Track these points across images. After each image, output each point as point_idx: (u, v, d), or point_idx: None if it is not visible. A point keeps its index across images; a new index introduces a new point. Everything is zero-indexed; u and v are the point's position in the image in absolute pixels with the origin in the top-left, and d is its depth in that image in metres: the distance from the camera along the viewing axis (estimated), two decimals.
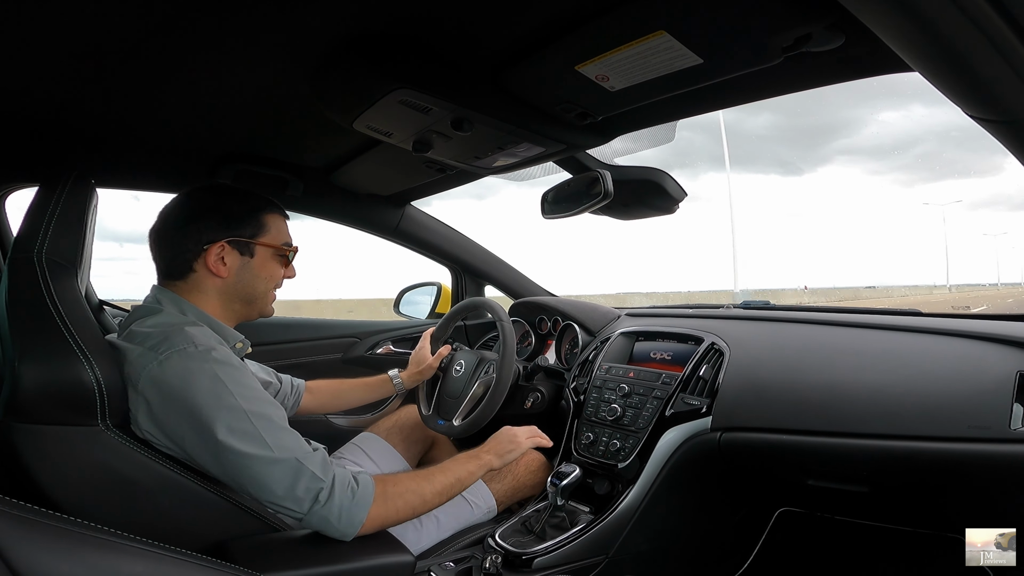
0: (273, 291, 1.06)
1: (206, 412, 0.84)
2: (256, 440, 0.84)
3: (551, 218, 1.42)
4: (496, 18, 0.81)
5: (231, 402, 0.85)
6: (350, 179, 1.57)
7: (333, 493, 0.86)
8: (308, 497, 0.85)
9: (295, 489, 0.84)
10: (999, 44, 0.52)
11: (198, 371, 0.86)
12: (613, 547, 1.19)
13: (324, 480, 0.86)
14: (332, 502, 0.86)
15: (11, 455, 0.80)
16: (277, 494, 0.84)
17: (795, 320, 1.37)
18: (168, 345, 0.87)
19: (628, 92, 0.91)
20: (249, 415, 0.85)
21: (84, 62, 0.89)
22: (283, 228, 1.06)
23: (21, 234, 0.88)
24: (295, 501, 0.85)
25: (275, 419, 0.88)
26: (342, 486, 0.87)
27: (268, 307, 1.07)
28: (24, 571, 0.35)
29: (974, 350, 1.05)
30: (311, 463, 0.86)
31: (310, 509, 0.85)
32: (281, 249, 1.04)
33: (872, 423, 1.04)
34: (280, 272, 1.06)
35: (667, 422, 1.26)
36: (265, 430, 0.86)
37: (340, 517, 0.86)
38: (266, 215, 1.02)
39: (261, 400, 0.89)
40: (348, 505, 0.87)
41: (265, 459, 0.84)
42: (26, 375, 0.79)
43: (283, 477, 0.84)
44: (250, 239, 0.99)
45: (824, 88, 0.93)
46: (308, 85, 0.98)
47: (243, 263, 0.99)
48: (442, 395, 1.51)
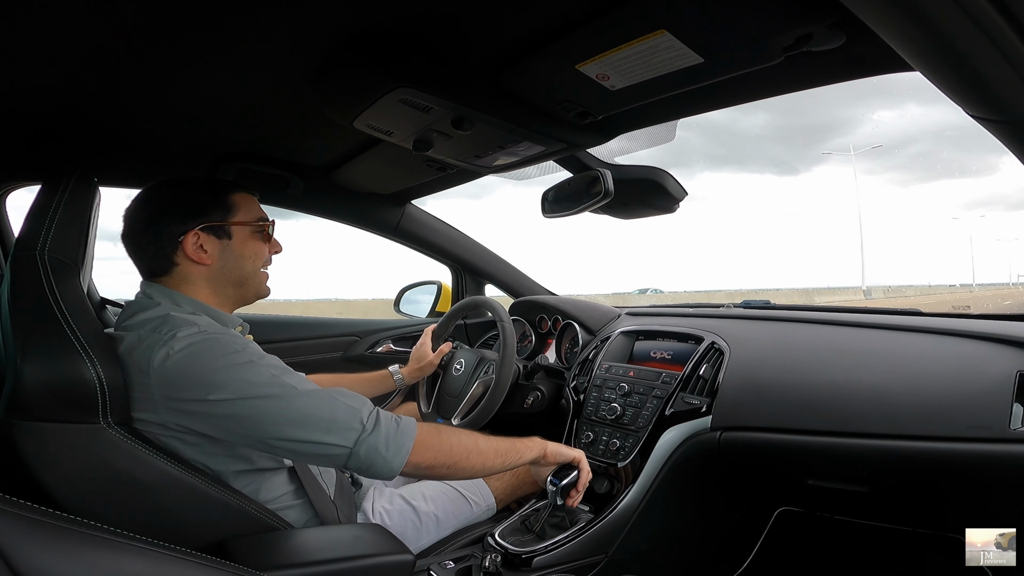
0: (263, 270, 1.05)
1: (223, 374, 0.84)
2: (281, 384, 0.84)
3: (551, 217, 1.42)
4: (497, 17, 0.81)
5: (244, 359, 0.86)
6: (350, 178, 1.57)
7: (379, 420, 0.86)
8: (353, 424, 0.84)
9: (336, 418, 0.84)
10: (1000, 43, 0.52)
11: (207, 342, 0.86)
12: (613, 546, 1.19)
13: (363, 408, 0.86)
14: (379, 429, 0.85)
15: (12, 453, 0.80)
16: (320, 426, 0.83)
17: (795, 319, 1.37)
18: (170, 327, 0.87)
19: (628, 91, 0.91)
20: (266, 367, 0.86)
21: (87, 62, 0.89)
22: (253, 205, 1.04)
23: (23, 232, 0.88)
24: (340, 431, 0.84)
25: (291, 372, 0.89)
26: (385, 415, 0.87)
27: (262, 287, 1.06)
28: (25, 570, 0.35)
29: (974, 350, 1.05)
30: (342, 395, 0.86)
31: (358, 438, 0.84)
32: (257, 224, 1.02)
33: (872, 423, 1.04)
34: (264, 248, 1.04)
35: (667, 421, 1.26)
36: (286, 374, 0.87)
37: (388, 445, 0.85)
38: (232, 195, 1.01)
39: (274, 360, 0.90)
40: (394, 432, 0.86)
41: (298, 394, 0.84)
42: (28, 373, 0.79)
43: (321, 407, 0.84)
44: (222, 221, 0.98)
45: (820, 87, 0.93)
46: (309, 84, 0.98)
47: (223, 246, 0.99)
48: (442, 394, 1.51)
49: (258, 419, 0.84)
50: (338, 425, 0.84)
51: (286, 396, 0.84)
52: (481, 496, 1.28)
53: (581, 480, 1.13)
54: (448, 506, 1.19)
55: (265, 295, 1.08)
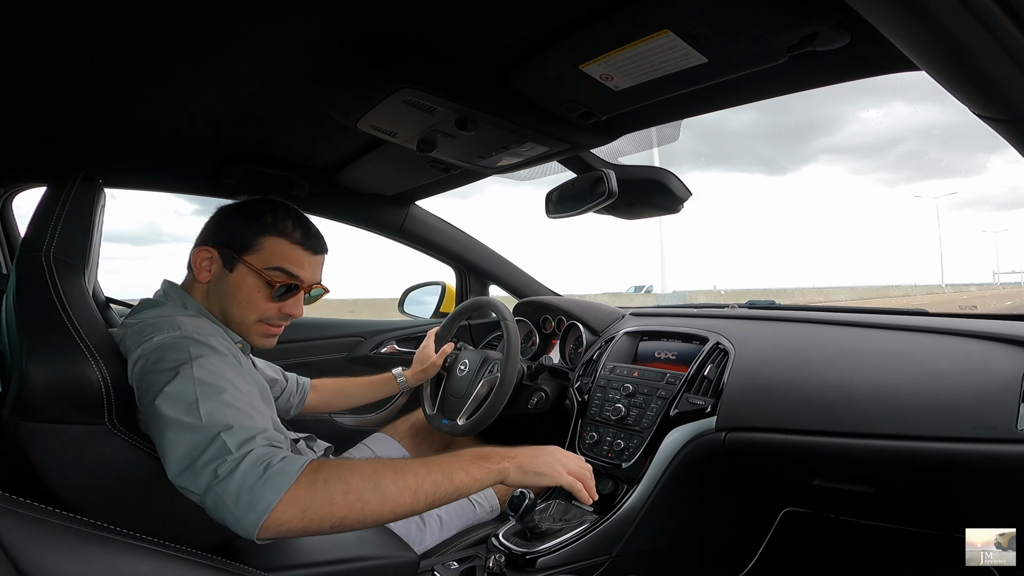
0: (255, 320, 0.98)
1: (160, 379, 0.77)
2: (186, 406, 0.73)
3: (556, 217, 1.42)
4: (500, 18, 0.81)
5: (187, 372, 0.76)
6: (355, 179, 1.57)
7: (237, 467, 0.67)
8: (207, 471, 0.68)
9: (196, 461, 0.69)
10: (1006, 42, 0.52)
11: (172, 347, 0.81)
12: (617, 547, 1.19)
13: (232, 453, 0.69)
14: (231, 478, 0.67)
15: (18, 453, 0.81)
16: (174, 468, 0.70)
17: (800, 320, 1.37)
18: (153, 331, 0.86)
19: (632, 91, 0.91)
20: (197, 382, 0.75)
21: (92, 63, 0.90)
22: (283, 254, 0.96)
23: (29, 233, 0.89)
24: (192, 475, 0.69)
25: (229, 392, 0.76)
26: (253, 462, 0.68)
27: (250, 335, 0.99)
28: (30, 570, 0.36)
29: (980, 350, 1.04)
30: (233, 436, 0.70)
31: (206, 486, 0.68)
32: (263, 274, 0.95)
33: (878, 423, 1.03)
34: (262, 302, 0.97)
35: (671, 422, 1.26)
36: (205, 397, 0.74)
37: (238, 498, 0.66)
38: (266, 237, 0.96)
39: (225, 378, 0.79)
40: (252, 483, 0.66)
41: (182, 425, 0.72)
42: (34, 374, 0.80)
43: (190, 448, 0.70)
44: (236, 252, 0.96)
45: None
46: (313, 85, 0.98)
47: (220, 275, 0.97)
48: (446, 394, 1.51)
49: (152, 432, 0.77)
50: (193, 468, 0.69)
51: (170, 421, 0.73)
52: (485, 497, 1.28)
53: (579, 493, 0.93)
54: (452, 507, 1.19)
55: (255, 345, 1.02)
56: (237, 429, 0.71)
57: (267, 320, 0.99)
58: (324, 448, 1.20)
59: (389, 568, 0.88)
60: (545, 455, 0.92)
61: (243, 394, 0.79)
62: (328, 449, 1.16)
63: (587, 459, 1.34)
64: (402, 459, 0.84)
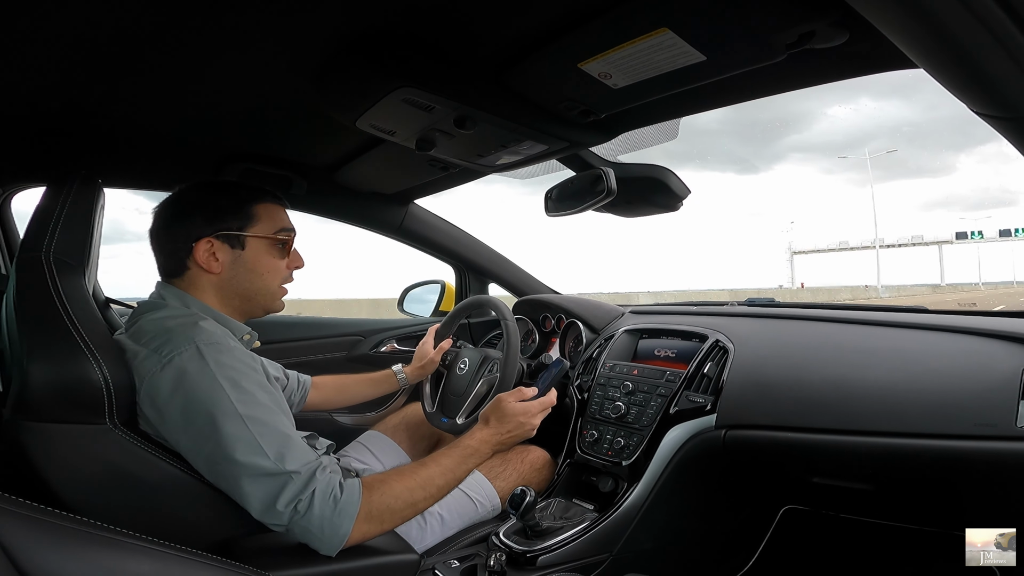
0: (279, 285, 1.04)
1: (203, 418, 0.83)
2: (250, 448, 0.82)
3: (555, 216, 1.42)
4: (499, 16, 0.81)
5: (228, 407, 0.83)
6: (353, 177, 1.57)
7: (312, 504, 0.82)
8: (287, 511, 0.82)
9: (276, 503, 0.82)
10: (1005, 40, 0.52)
11: (197, 374, 0.84)
12: (617, 545, 1.19)
13: (304, 491, 0.83)
14: (311, 514, 0.82)
15: (19, 453, 0.81)
16: (257, 511, 0.83)
17: (800, 317, 1.37)
18: (171, 348, 0.86)
19: (631, 89, 0.91)
20: (246, 420, 0.83)
21: (91, 63, 0.90)
22: (277, 216, 1.02)
23: (29, 233, 0.89)
24: (274, 515, 0.82)
25: (272, 425, 0.86)
26: (323, 497, 0.83)
27: (273, 303, 1.04)
28: (30, 570, 0.36)
29: (980, 347, 1.05)
30: (300, 477, 0.83)
31: (290, 521, 0.82)
32: (275, 238, 1.00)
33: (878, 421, 1.03)
34: (280, 264, 1.02)
35: (671, 420, 1.26)
36: (262, 436, 0.83)
37: (322, 530, 0.83)
38: (256, 205, 1.00)
39: (262, 405, 0.87)
40: (330, 516, 0.83)
41: (255, 469, 0.82)
42: (34, 374, 0.80)
43: (266, 495, 0.82)
44: (239, 231, 0.97)
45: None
46: (311, 84, 0.98)
47: (235, 257, 0.98)
48: (446, 393, 1.51)
49: (216, 473, 0.84)
50: (276, 507, 0.82)
51: (242, 466, 0.82)
52: (486, 496, 1.28)
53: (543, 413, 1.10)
54: (453, 506, 1.19)
55: (276, 310, 1.06)
56: (299, 466, 0.83)
57: (284, 280, 1.05)
58: (326, 446, 1.20)
59: (390, 567, 0.88)
60: (510, 417, 1.05)
61: (280, 411, 0.89)
62: (330, 447, 1.16)
63: (588, 458, 1.35)
64: (420, 461, 0.98)
